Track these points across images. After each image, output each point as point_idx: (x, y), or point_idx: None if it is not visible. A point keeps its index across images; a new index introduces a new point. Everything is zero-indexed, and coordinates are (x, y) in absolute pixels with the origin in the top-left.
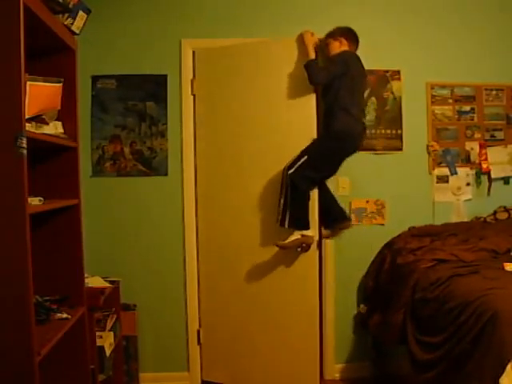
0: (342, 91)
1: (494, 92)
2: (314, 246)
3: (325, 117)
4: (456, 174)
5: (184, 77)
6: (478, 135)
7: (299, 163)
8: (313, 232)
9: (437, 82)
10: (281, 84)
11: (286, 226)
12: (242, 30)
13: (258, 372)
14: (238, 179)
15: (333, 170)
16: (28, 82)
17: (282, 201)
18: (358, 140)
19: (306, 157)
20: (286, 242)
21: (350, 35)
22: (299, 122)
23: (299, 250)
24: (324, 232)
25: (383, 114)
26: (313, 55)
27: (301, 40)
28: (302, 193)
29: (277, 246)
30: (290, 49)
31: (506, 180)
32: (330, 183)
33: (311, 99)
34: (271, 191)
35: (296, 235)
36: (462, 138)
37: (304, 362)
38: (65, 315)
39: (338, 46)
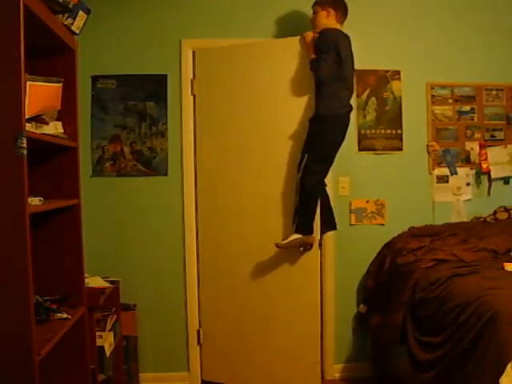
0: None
1: (494, 92)
2: (315, 246)
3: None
4: (456, 174)
5: (184, 77)
6: (477, 135)
7: (303, 163)
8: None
9: (437, 82)
10: (281, 84)
11: (293, 230)
12: (241, 30)
13: (259, 372)
14: (238, 179)
15: (334, 156)
16: (28, 82)
17: (295, 207)
18: (345, 120)
19: (306, 155)
20: (286, 241)
21: (339, 5)
22: (300, 122)
23: (302, 249)
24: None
25: (383, 114)
26: (313, 55)
27: (303, 41)
28: (312, 193)
29: (276, 246)
30: (289, 49)
31: (505, 180)
32: (330, 183)
33: (311, 99)
34: (271, 191)
35: (296, 235)
36: (461, 138)
37: (305, 362)
38: (65, 315)
39: (325, 16)
